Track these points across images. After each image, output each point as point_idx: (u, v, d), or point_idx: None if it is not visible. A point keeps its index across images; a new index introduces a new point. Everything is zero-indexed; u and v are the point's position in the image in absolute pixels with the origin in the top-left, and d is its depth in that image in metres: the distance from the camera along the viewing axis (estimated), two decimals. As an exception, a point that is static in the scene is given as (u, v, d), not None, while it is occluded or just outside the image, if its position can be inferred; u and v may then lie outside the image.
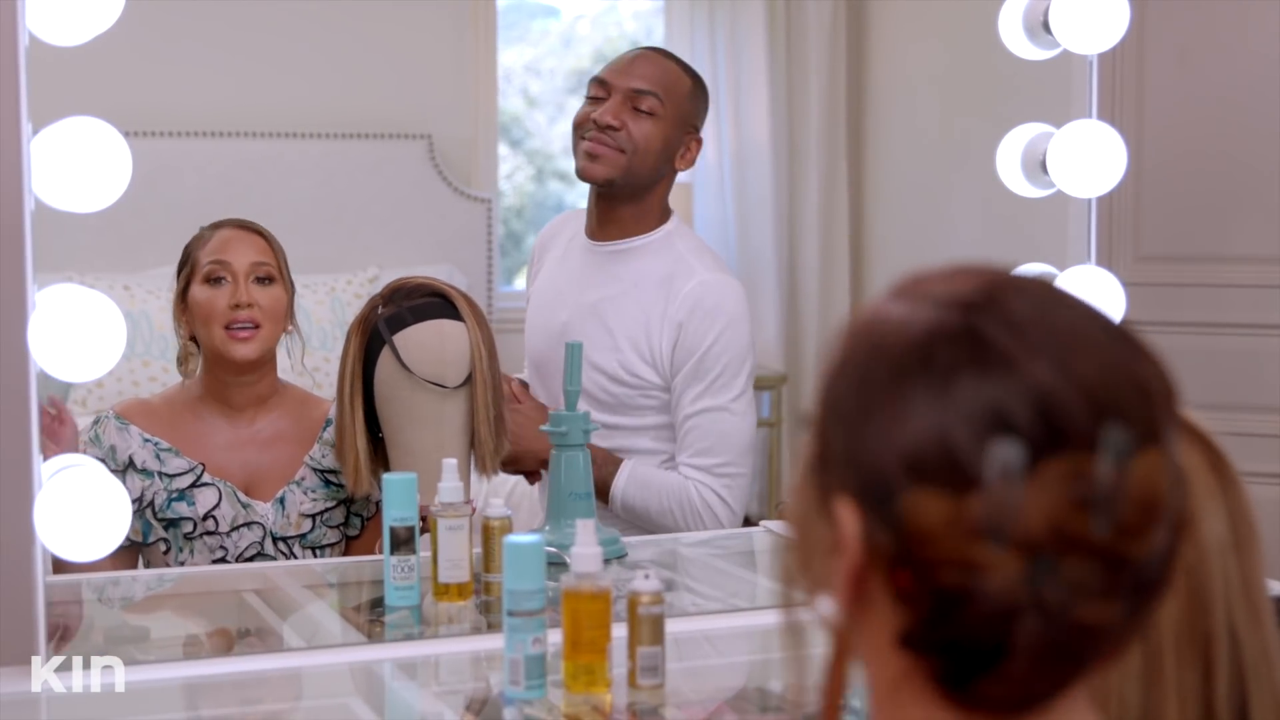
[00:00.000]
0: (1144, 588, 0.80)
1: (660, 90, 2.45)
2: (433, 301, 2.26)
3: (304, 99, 4.70)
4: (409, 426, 2.23)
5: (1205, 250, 3.46)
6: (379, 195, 4.74)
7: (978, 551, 0.77)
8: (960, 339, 0.80)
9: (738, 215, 4.95)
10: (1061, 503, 0.77)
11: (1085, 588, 0.78)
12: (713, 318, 2.41)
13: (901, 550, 0.79)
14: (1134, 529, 0.78)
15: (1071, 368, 0.79)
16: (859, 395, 0.82)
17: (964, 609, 0.78)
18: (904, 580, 0.80)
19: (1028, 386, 0.78)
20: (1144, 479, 0.79)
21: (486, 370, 2.25)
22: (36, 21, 1.72)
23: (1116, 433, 0.78)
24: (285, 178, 4.61)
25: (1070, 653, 0.79)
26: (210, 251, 2.30)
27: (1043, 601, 0.77)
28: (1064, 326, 0.81)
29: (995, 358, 0.79)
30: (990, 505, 0.77)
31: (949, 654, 0.80)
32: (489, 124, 4.95)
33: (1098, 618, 0.79)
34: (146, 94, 4.45)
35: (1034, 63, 2.37)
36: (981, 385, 0.78)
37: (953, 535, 0.78)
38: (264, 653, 1.90)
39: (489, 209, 4.87)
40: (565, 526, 2.14)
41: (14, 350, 1.73)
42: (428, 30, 4.86)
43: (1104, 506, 0.78)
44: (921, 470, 0.78)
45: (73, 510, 1.72)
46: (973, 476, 0.77)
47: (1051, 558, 0.77)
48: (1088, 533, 0.77)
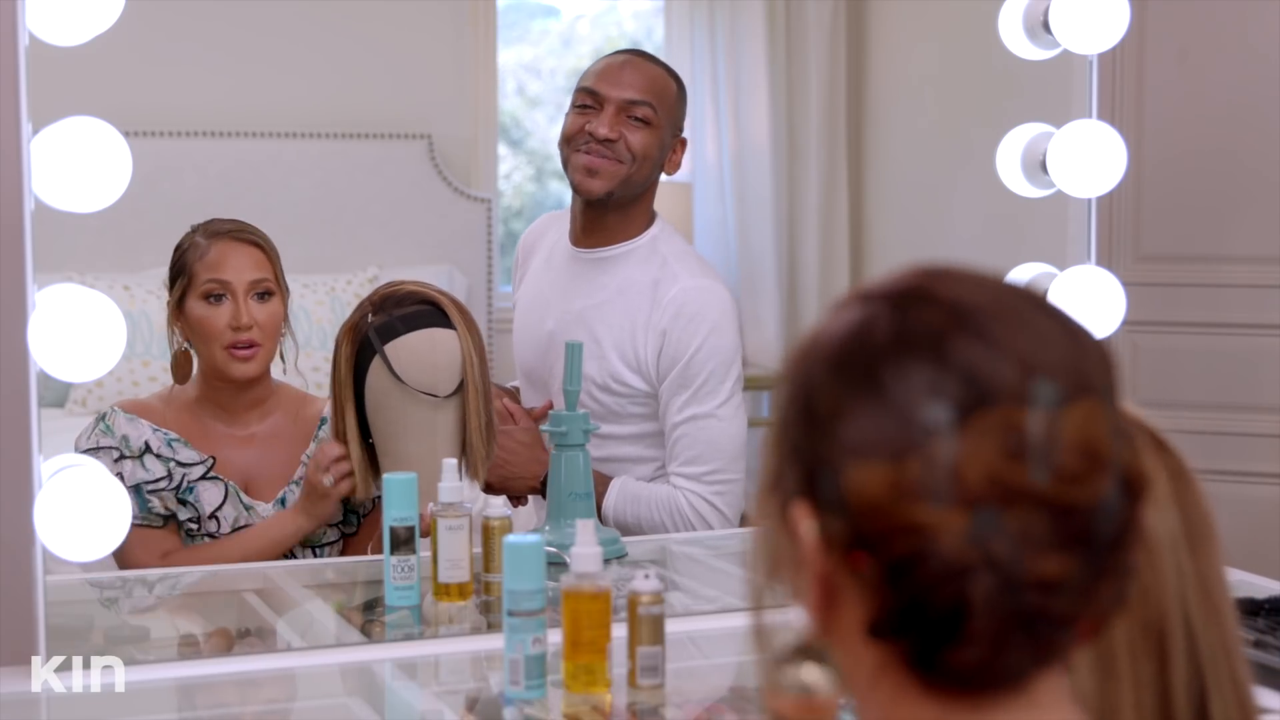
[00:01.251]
0: (1101, 543, 0.81)
1: (653, 99, 2.43)
2: (423, 310, 2.25)
3: (304, 99, 4.70)
4: (401, 435, 2.22)
5: (1205, 250, 3.46)
6: (379, 195, 4.73)
7: (920, 512, 0.79)
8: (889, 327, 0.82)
9: (738, 215, 4.95)
10: (995, 454, 0.78)
11: (1033, 538, 0.79)
12: (696, 324, 2.39)
13: (852, 530, 0.81)
14: (1075, 475, 0.79)
15: (1000, 338, 0.81)
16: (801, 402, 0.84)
17: (917, 574, 0.79)
18: (860, 562, 0.81)
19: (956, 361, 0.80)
20: (1079, 426, 0.80)
21: (478, 378, 2.24)
22: (36, 21, 1.72)
23: (1045, 384, 0.80)
24: (285, 178, 4.61)
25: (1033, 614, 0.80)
26: (208, 267, 2.27)
27: (992, 556, 0.78)
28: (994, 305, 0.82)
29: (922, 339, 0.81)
30: (925, 465, 0.79)
31: (912, 630, 0.81)
32: (489, 124, 4.95)
33: (1053, 571, 0.79)
34: (146, 94, 4.45)
35: (1034, 63, 2.37)
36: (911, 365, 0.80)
37: (894, 501, 0.79)
38: (264, 653, 1.90)
39: (489, 209, 4.87)
40: (565, 526, 2.14)
41: (14, 350, 1.73)
42: (428, 30, 4.86)
43: (1039, 454, 0.79)
44: (859, 448, 0.80)
45: (73, 510, 1.72)
46: (907, 443, 0.79)
47: (994, 510, 0.78)
48: (1027, 481, 0.79)
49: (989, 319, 0.81)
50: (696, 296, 2.41)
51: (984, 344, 0.80)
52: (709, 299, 2.41)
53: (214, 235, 2.31)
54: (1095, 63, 2.34)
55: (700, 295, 2.41)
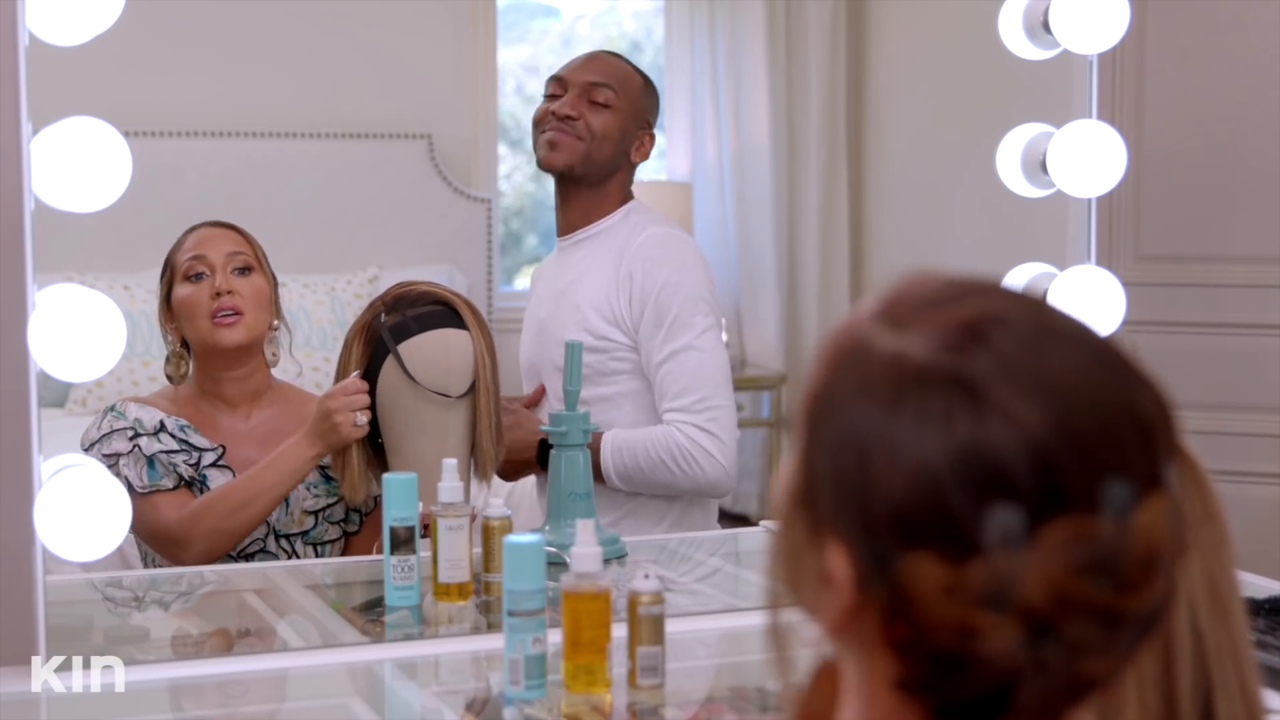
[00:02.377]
0: (1141, 633, 0.80)
1: (614, 83, 2.54)
2: (437, 310, 2.26)
3: (304, 99, 4.70)
4: (412, 436, 2.22)
5: (1205, 250, 3.46)
6: (379, 195, 4.73)
7: (977, 618, 0.76)
8: (951, 385, 0.77)
9: (738, 215, 4.95)
10: (1063, 568, 0.76)
11: (1085, 646, 0.77)
12: (659, 263, 2.46)
13: (898, 607, 0.78)
14: (1135, 584, 0.78)
15: (1067, 418, 0.77)
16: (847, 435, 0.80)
17: (962, 670, 0.77)
18: (900, 634, 0.78)
19: (1024, 441, 0.76)
20: (1146, 532, 0.78)
21: (489, 379, 2.25)
22: (36, 21, 1.72)
23: (1118, 488, 0.77)
24: (285, 178, 4.61)
25: (1068, 699, 0.79)
26: (186, 250, 2.33)
27: (1044, 664, 0.77)
28: (1057, 366, 0.78)
29: (988, 407, 0.76)
30: (990, 573, 0.76)
31: (946, 703, 0.79)
32: (489, 124, 4.95)
33: (1097, 671, 0.79)
34: (146, 94, 4.45)
35: (1034, 63, 2.37)
36: (976, 438, 0.76)
37: (951, 602, 0.76)
38: (264, 653, 1.90)
39: (489, 209, 4.87)
40: (565, 526, 2.14)
41: (14, 350, 1.73)
42: (427, 30, 4.86)
43: (1105, 567, 0.76)
44: (917, 533, 0.77)
45: (73, 510, 1.72)
46: (971, 543, 0.76)
47: (1052, 622, 0.76)
48: (1089, 594, 0.76)
49: (1055, 386, 0.77)
50: (659, 240, 2.49)
51: (1051, 421, 0.76)
52: (671, 242, 2.50)
53: (189, 231, 2.38)
54: (1095, 63, 2.34)
55: (662, 239, 2.50)
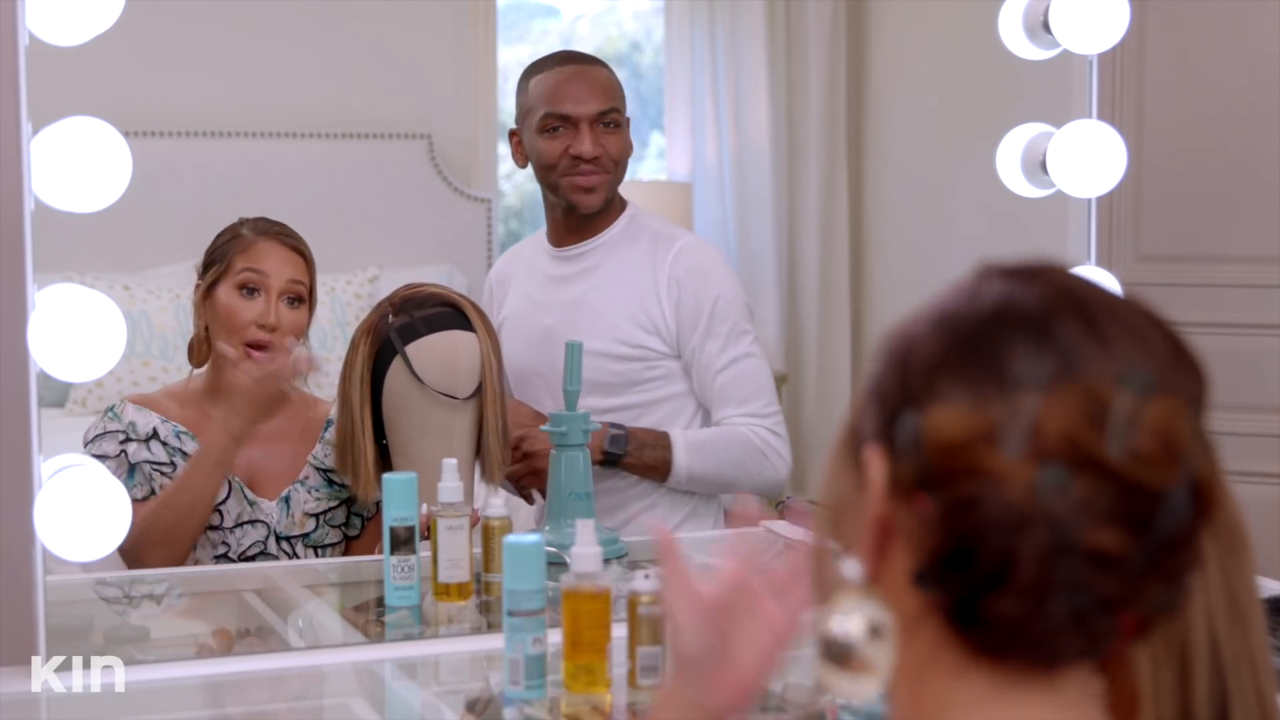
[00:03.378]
0: (1160, 535, 0.81)
1: (615, 102, 2.54)
2: (444, 312, 2.26)
3: (304, 99, 4.70)
4: (418, 437, 2.22)
5: (1205, 250, 3.46)
6: (379, 195, 4.73)
7: (991, 457, 0.80)
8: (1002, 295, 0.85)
9: (738, 215, 4.95)
10: (1077, 417, 0.80)
11: (1095, 508, 0.80)
12: (710, 273, 2.52)
13: (921, 471, 0.82)
14: (1150, 458, 0.81)
15: (1106, 331, 0.83)
16: (900, 355, 0.87)
17: (973, 517, 0.81)
18: (921, 503, 0.82)
19: (1059, 339, 0.82)
20: (1162, 416, 0.81)
21: (496, 381, 2.26)
22: (36, 21, 1.72)
23: (1138, 371, 0.82)
24: (285, 178, 4.60)
25: (1078, 585, 0.80)
26: (249, 258, 2.28)
27: (1051, 513, 0.80)
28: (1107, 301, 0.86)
29: (1032, 312, 0.84)
30: (1007, 413, 0.81)
31: (957, 576, 0.82)
32: (489, 124, 4.95)
33: (1108, 544, 0.80)
34: (146, 94, 4.44)
35: (1034, 63, 2.37)
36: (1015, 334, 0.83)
37: (968, 443, 0.81)
38: (264, 653, 1.90)
39: (489, 209, 4.87)
40: (565, 526, 2.14)
41: (14, 350, 1.73)
42: (427, 30, 4.86)
43: (1120, 429, 0.80)
44: (946, 393, 0.83)
45: (73, 510, 1.72)
46: (993, 392, 0.81)
47: (1063, 469, 0.80)
48: (1102, 450, 0.80)
49: (1100, 311, 0.84)
50: (701, 248, 2.57)
51: (1089, 331, 0.83)
52: (709, 252, 2.59)
53: (261, 233, 2.32)
54: (1095, 63, 2.34)
55: (704, 248, 2.58)
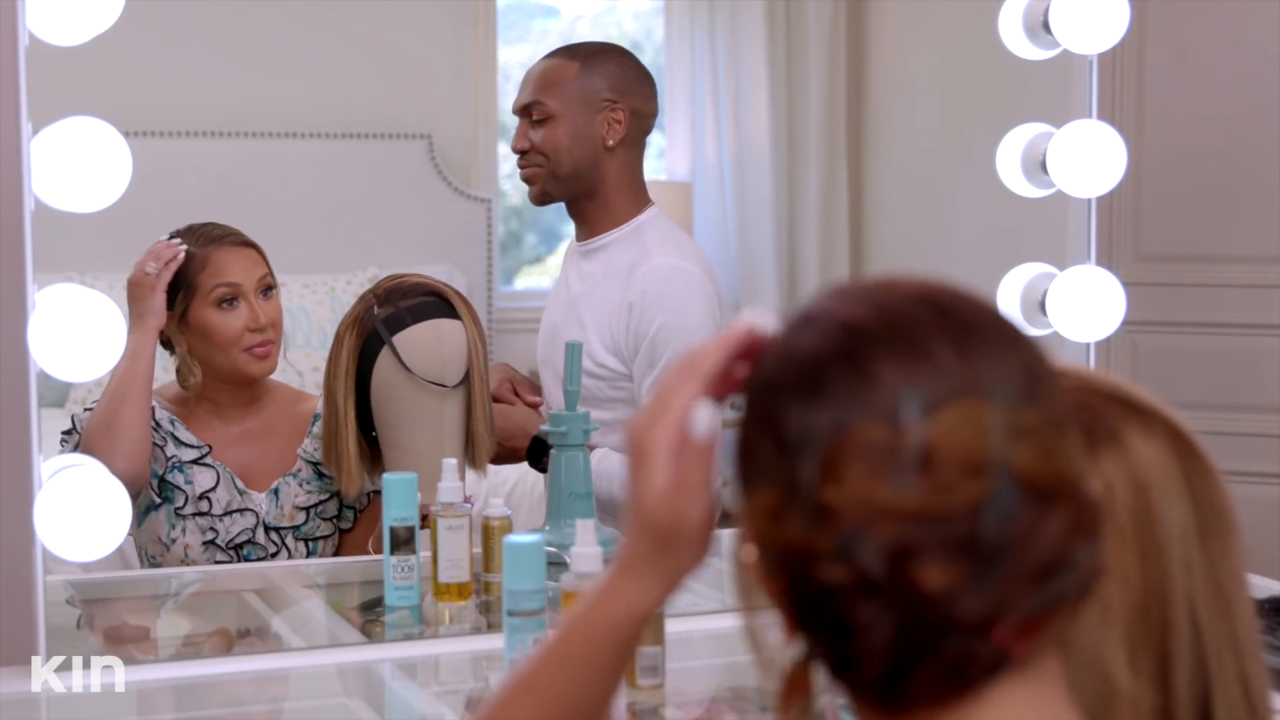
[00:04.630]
0: (990, 546, 0.79)
1: (541, 94, 2.46)
2: (429, 301, 2.27)
3: (304, 99, 4.70)
4: (408, 426, 2.23)
5: (1205, 250, 3.46)
6: (379, 195, 4.73)
7: (795, 536, 0.80)
8: (780, 356, 0.85)
9: (738, 215, 4.95)
10: (858, 477, 0.79)
11: (907, 551, 0.78)
12: (659, 301, 2.37)
13: (761, 555, 0.84)
14: (942, 486, 0.78)
15: (873, 367, 0.81)
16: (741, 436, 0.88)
17: (802, 596, 0.82)
18: (770, 585, 0.84)
19: (829, 394, 0.81)
20: (944, 435, 0.79)
21: (482, 368, 2.27)
22: (36, 21, 1.72)
23: (908, 398, 0.79)
24: (285, 178, 4.60)
25: (928, 625, 0.79)
26: (214, 274, 2.28)
27: (864, 573, 0.79)
28: (878, 326, 0.82)
29: (803, 371, 0.83)
30: (793, 490, 0.81)
31: (822, 650, 0.83)
32: (489, 124, 4.95)
33: (938, 581, 0.78)
34: (146, 94, 4.44)
35: (1034, 63, 2.37)
36: (791, 398, 0.83)
37: (778, 526, 0.81)
38: (264, 653, 1.90)
39: (489, 209, 4.87)
40: (565, 526, 2.14)
41: (14, 350, 1.73)
42: (428, 30, 4.86)
43: (901, 468, 0.78)
44: (760, 476, 0.83)
45: (73, 510, 1.72)
46: (782, 469, 0.81)
47: (857, 528, 0.79)
48: (890, 497, 0.78)
49: (870, 344, 0.81)
50: (663, 274, 2.39)
51: (857, 373, 0.81)
52: (675, 276, 2.40)
53: (208, 243, 2.30)
54: (1095, 63, 2.34)
55: (666, 273, 2.40)
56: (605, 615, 0.93)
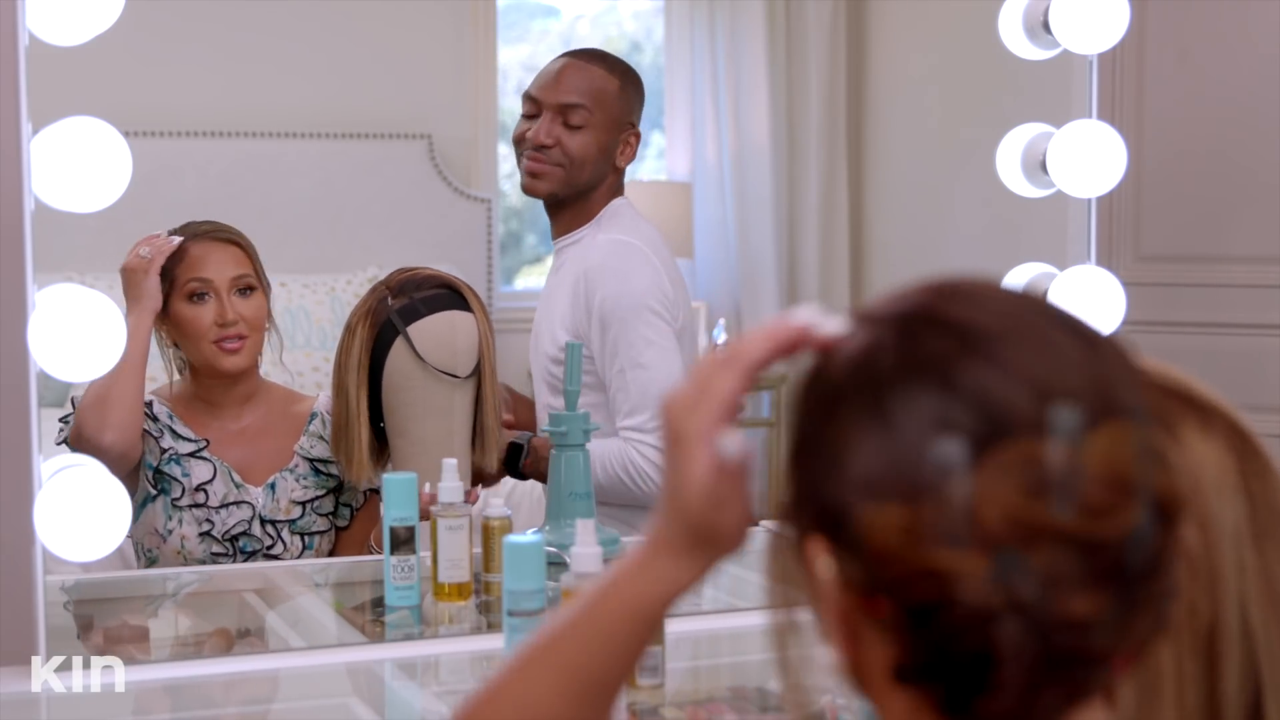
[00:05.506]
0: (1134, 575, 0.76)
1: (588, 101, 2.47)
2: (442, 293, 2.31)
3: (304, 99, 4.70)
4: (418, 417, 2.26)
5: (1205, 250, 3.46)
6: (379, 195, 4.73)
7: (938, 557, 0.75)
8: (895, 353, 0.78)
9: (738, 215, 4.95)
10: (1014, 492, 0.74)
11: (1060, 578, 0.75)
12: (601, 274, 2.42)
13: (870, 575, 0.77)
14: (1101, 509, 0.75)
15: (1011, 361, 0.77)
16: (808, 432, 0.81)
17: (940, 621, 0.76)
18: (882, 608, 0.78)
19: (965, 388, 0.76)
20: (1103, 454, 0.76)
21: (492, 360, 2.32)
22: (36, 21, 1.72)
23: (1064, 411, 0.76)
24: (285, 178, 4.60)
25: (1065, 656, 0.76)
26: (189, 267, 2.30)
27: (1016, 599, 0.74)
28: (1004, 324, 0.79)
29: (929, 366, 0.77)
30: (941, 506, 0.75)
31: (941, 678, 0.77)
32: (489, 124, 4.95)
33: (1084, 610, 0.75)
34: (146, 94, 4.44)
35: (1034, 63, 2.37)
36: (917, 393, 0.77)
37: (911, 545, 0.75)
38: (264, 653, 1.90)
39: (489, 209, 4.87)
40: (565, 526, 2.14)
41: (14, 350, 1.73)
42: (428, 30, 4.86)
43: (1061, 489, 0.74)
44: (871, 487, 0.77)
45: (73, 510, 1.72)
46: (921, 483, 0.75)
47: (1015, 551, 0.74)
48: (1049, 519, 0.74)
49: (999, 340, 0.77)
50: (605, 248, 2.45)
51: (995, 368, 0.76)
52: (616, 249, 2.44)
53: (193, 236, 2.34)
54: (1095, 63, 2.34)
55: (609, 246, 2.45)
56: (636, 591, 0.90)
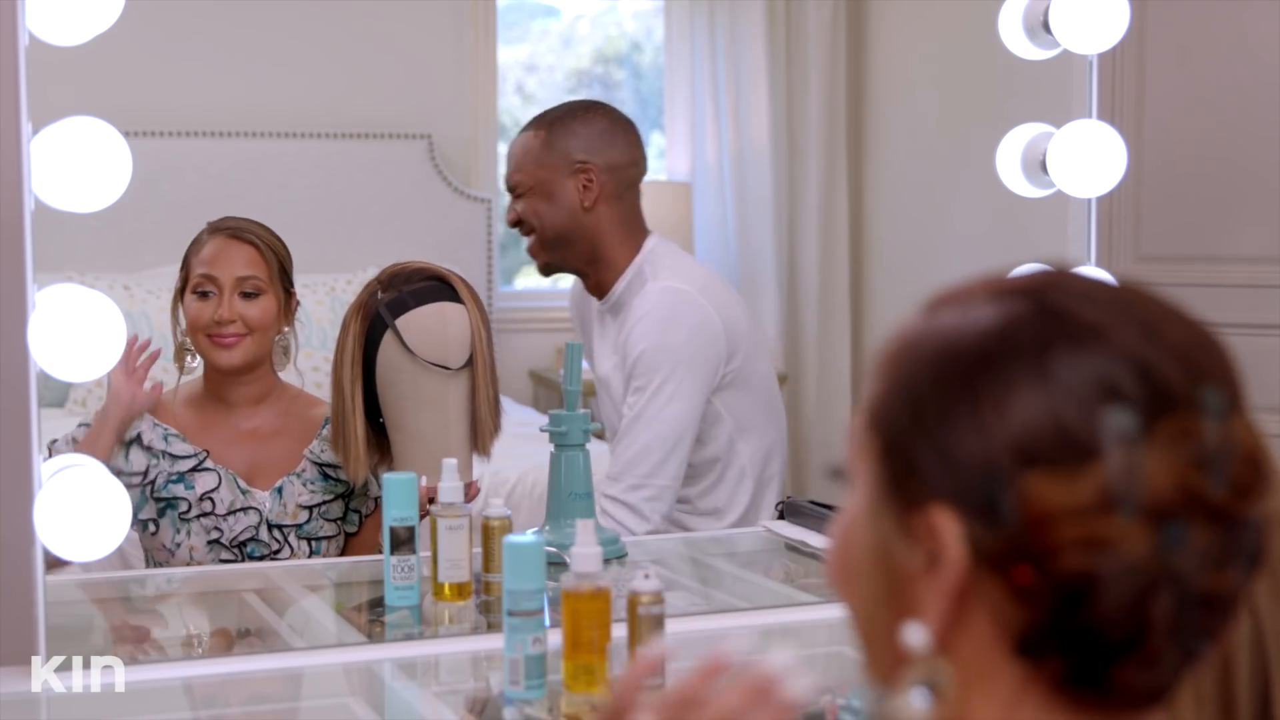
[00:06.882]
0: (1251, 556, 0.78)
1: (520, 171, 2.55)
2: (432, 285, 2.30)
3: (304, 99, 4.70)
4: (413, 410, 2.26)
5: (1205, 250, 3.46)
6: (379, 195, 4.73)
7: (1105, 526, 0.75)
8: (1041, 318, 0.79)
9: (738, 215, 4.95)
10: (1183, 463, 0.75)
11: (1210, 554, 0.76)
12: (646, 325, 2.46)
13: (1019, 544, 0.76)
14: (1247, 488, 0.77)
15: (1159, 333, 0.78)
16: (938, 402, 0.79)
17: (1094, 593, 0.75)
18: (1024, 576, 0.76)
19: (1125, 353, 0.77)
20: (1245, 434, 0.78)
21: (486, 351, 2.30)
22: (36, 21, 1.72)
23: (1214, 393, 0.78)
24: (285, 178, 4.61)
25: (1198, 630, 0.77)
26: (201, 263, 2.32)
27: (1175, 570, 0.75)
28: (1134, 298, 0.80)
29: (1084, 330, 0.78)
30: (1114, 474, 0.75)
31: (1079, 648, 0.76)
32: (489, 124, 4.95)
33: (1220, 586, 0.77)
34: (146, 94, 4.45)
35: (1034, 63, 2.37)
36: (1079, 358, 0.77)
37: (1077, 513, 0.75)
38: (264, 653, 1.90)
39: (489, 209, 4.87)
40: (565, 526, 2.14)
41: (14, 350, 1.73)
42: (428, 30, 4.86)
43: (1218, 465, 0.76)
44: (1034, 454, 0.76)
45: (73, 510, 1.72)
46: (1089, 449, 0.75)
47: (1182, 522, 0.75)
48: (1209, 492, 0.76)
49: (1139, 311, 0.79)
50: (653, 298, 2.47)
51: (1146, 336, 0.78)
52: (663, 298, 2.47)
53: (215, 232, 2.36)
54: (1095, 63, 2.34)
55: (656, 296, 2.48)
56: None
